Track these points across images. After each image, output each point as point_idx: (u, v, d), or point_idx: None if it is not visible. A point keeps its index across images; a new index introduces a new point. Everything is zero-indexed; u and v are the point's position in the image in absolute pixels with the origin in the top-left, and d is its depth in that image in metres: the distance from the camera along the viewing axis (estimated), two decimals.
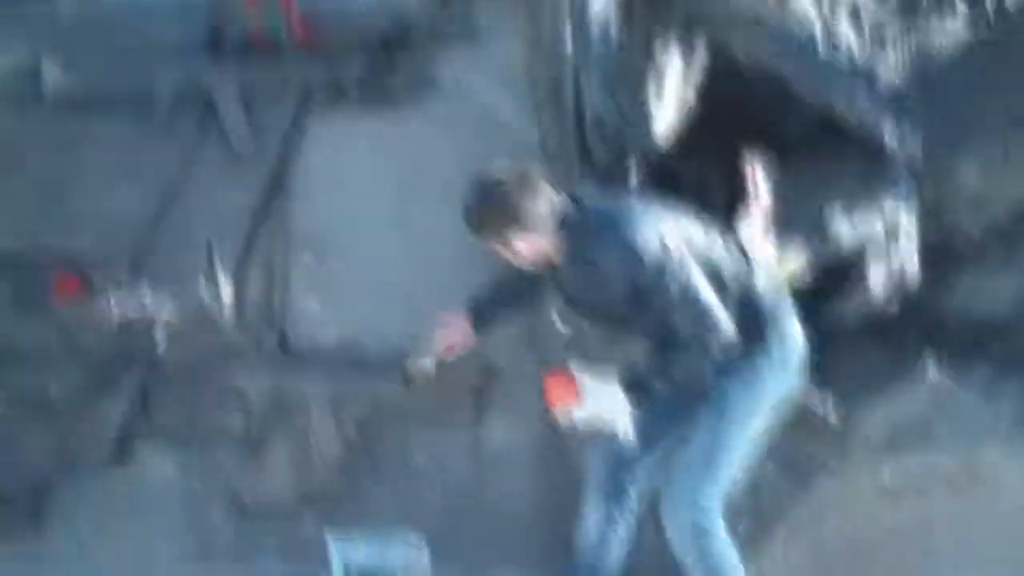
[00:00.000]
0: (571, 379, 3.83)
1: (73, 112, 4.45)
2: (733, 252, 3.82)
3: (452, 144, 4.52)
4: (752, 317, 3.63)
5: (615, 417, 3.73)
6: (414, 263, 4.53)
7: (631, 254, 3.50)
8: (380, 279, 4.56)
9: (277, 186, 4.54)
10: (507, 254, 3.65)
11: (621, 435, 3.75)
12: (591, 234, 3.55)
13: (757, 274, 3.76)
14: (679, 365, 3.62)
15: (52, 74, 4.46)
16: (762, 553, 4.23)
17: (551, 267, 3.67)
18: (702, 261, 3.59)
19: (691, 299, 3.53)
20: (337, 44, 4.59)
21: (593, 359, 4.21)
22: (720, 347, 3.54)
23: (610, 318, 3.87)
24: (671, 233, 3.60)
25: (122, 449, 4.49)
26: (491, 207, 3.49)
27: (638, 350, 4.01)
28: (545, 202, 3.50)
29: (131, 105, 4.48)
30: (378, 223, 4.54)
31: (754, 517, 4.10)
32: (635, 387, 3.65)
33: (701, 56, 4.46)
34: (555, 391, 3.86)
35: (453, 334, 3.86)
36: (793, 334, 3.67)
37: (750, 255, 3.89)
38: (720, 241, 3.82)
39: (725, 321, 3.51)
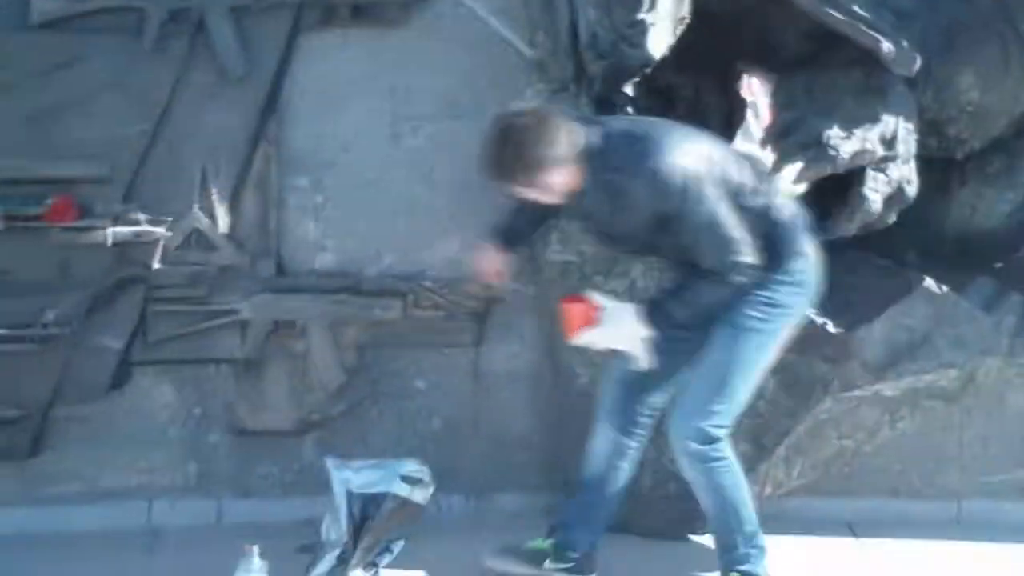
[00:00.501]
0: (589, 305, 3.82)
1: (60, 34, 4.20)
2: (751, 169, 3.77)
3: (447, 62, 4.44)
4: (771, 236, 3.62)
5: (633, 343, 3.69)
6: (410, 183, 4.41)
7: (656, 181, 3.48)
8: (376, 201, 4.43)
9: (271, 108, 4.34)
10: (531, 196, 3.61)
11: (639, 361, 3.70)
12: (616, 163, 3.51)
13: (775, 191, 3.70)
14: (702, 293, 3.60)
15: None
16: (762, 473, 4.18)
17: (574, 197, 3.62)
18: (721, 181, 3.56)
19: (714, 226, 3.52)
20: None
21: (591, 284, 4.19)
22: (743, 273, 3.53)
23: (634, 244, 3.82)
24: (692, 157, 3.57)
25: (120, 374, 4.33)
26: (511, 157, 3.46)
27: (640, 275, 4.08)
28: (566, 139, 3.47)
29: (120, 25, 4.23)
30: (374, 145, 4.37)
31: (754, 435, 4.03)
32: (654, 314, 3.63)
33: None
34: (573, 317, 3.85)
35: (491, 262, 3.87)
36: (809, 252, 3.67)
37: (767, 172, 3.85)
38: (738, 159, 3.79)
39: (748, 246, 3.51)
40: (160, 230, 4.30)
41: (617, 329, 3.70)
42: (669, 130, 3.58)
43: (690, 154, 3.54)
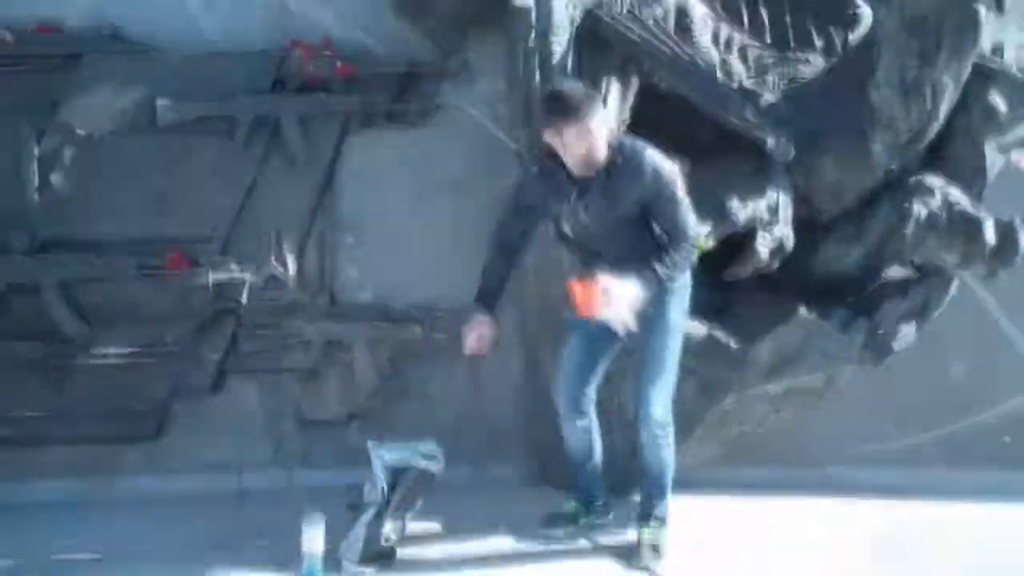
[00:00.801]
0: (594, 285, 4.27)
1: (177, 134, 5.25)
2: None
3: (454, 152, 5.42)
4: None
5: (628, 312, 4.18)
6: (427, 239, 5.38)
7: (657, 166, 4.23)
8: (403, 253, 5.40)
9: (327, 185, 5.39)
10: (577, 141, 4.18)
11: (623, 327, 4.21)
12: (637, 150, 4.23)
13: None
14: (678, 261, 4.26)
15: (162, 105, 5.20)
16: (684, 449, 4.85)
17: (582, 175, 4.24)
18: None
19: (688, 209, 4.28)
20: (368, 79, 5.36)
21: None
22: (688, 259, 4.34)
23: (606, 234, 4.36)
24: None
25: (218, 380, 5.34)
26: (579, 93, 4.20)
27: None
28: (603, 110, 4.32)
29: (219, 129, 5.30)
30: (401, 212, 5.38)
31: (678, 422, 4.63)
32: (649, 281, 4.22)
33: (633, 85, 5.18)
34: (585, 297, 4.32)
35: (480, 338, 4.44)
36: None
37: None
38: None
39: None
40: (247, 275, 5.26)
41: (620, 301, 4.16)
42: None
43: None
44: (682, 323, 4.49)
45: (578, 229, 4.46)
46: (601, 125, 4.27)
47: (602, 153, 4.25)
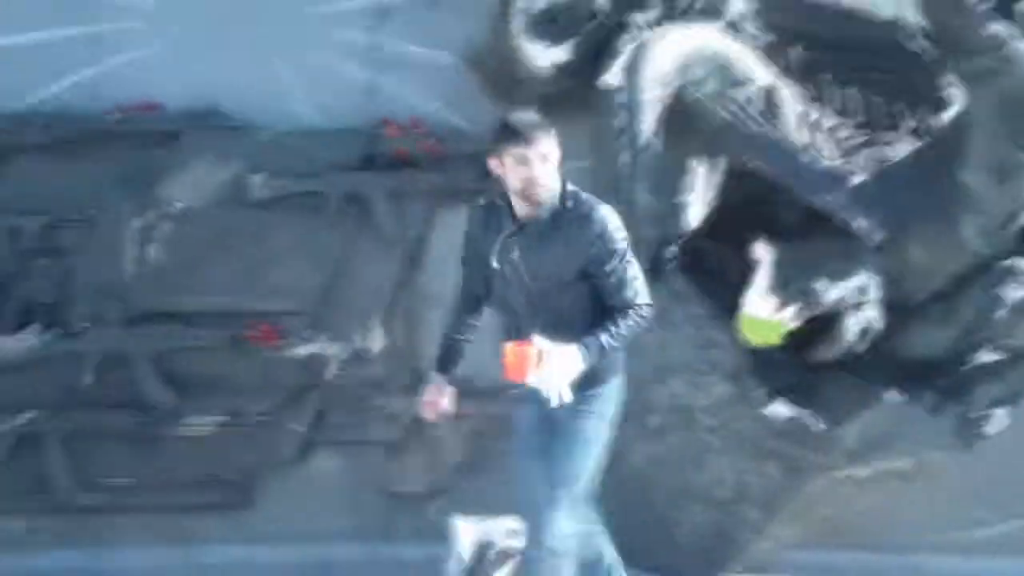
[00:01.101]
0: (532, 348, 3.96)
1: (269, 209, 5.56)
2: None
3: None
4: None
5: (563, 381, 3.84)
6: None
7: (606, 224, 3.91)
8: (486, 329, 5.83)
9: (414, 262, 5.66)
10: (520, 168, 3.87)
11: (556, 399, 3.81)
12: (582, 198, 3.93)
13: None
14: (623, 332, 3.88)
15: (255, 181, 5.54)
16: (768, 531, 5.17)
17: (526, 214, 3.92)
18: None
19: (637, 275, 3.93)
20: (457, 158, 5.64)
21: None
22: (647, 313, 3.93)
23: (539, 286, 3.97)
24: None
25: (304, 451, 5.59)
26: (529, 118, 3.93)
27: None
28: None
29: (309, 204, 5.59)
30: None
31: (765, 502, 5.03)
32: (590, 351, 3.86)
33: (721, 165, 5.38)
34: (519, 361, 4.02)
35: (432, 399, 4.24)
36: None
37: None
38: None
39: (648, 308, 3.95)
40: (334, 349, 5.53)
41: (555, 369, 3.83)
42: None
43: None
44: (608, 428, 4.08)
45: (513, 280, 4.10)
46: (551, 159, 3.99)
47: (547, 190, 3.95)
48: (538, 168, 3.94)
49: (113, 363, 5.56)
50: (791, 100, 5.37)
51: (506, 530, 4.81)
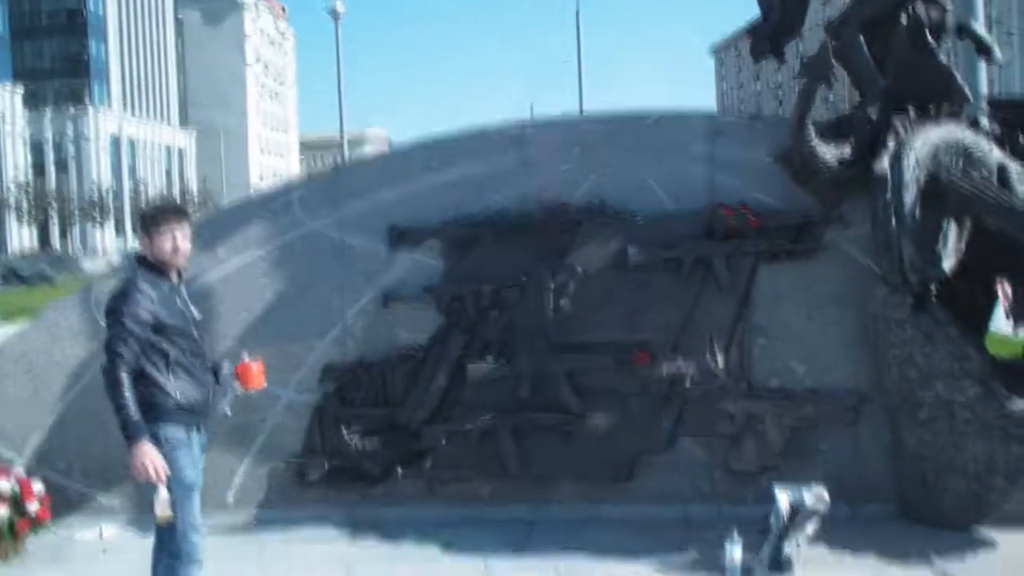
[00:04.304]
0: (253, 365, 5.75)
1: (643, 271, 7.50)
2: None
3: (835, 277, 7.47)
4: None
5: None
6: (817, 342, 7.42)
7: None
8: (799, 351, 7.43)
9: (744, 303, 7.49)
10: (185, 241, 5.65)
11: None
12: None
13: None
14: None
15: (632, 251, 7.46)
16: (1010, 496, 6.80)
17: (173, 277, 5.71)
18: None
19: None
20: (773, 228, 7.40)
21: None
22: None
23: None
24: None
25: (670, 441, 7.55)
26: (176, 203, 6.15)
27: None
28: None
29: (671, 266, 7.49)
30: (799, 320, 7.49)
31: (1006, 475, 6.70)
32: None
33: (967, 227, 6.96)
34: (254, 374, 5.74)
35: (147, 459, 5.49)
36: None
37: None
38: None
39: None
40: (690, 368, 7.46)
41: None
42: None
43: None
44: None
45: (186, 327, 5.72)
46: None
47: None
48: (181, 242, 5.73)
49: (541, 380, 7.64)
50: (1019, 173, 7.02)
51: (814, 495, 6.51)
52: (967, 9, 9.71)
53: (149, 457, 5.32)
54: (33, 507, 7.36)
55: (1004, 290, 7.05)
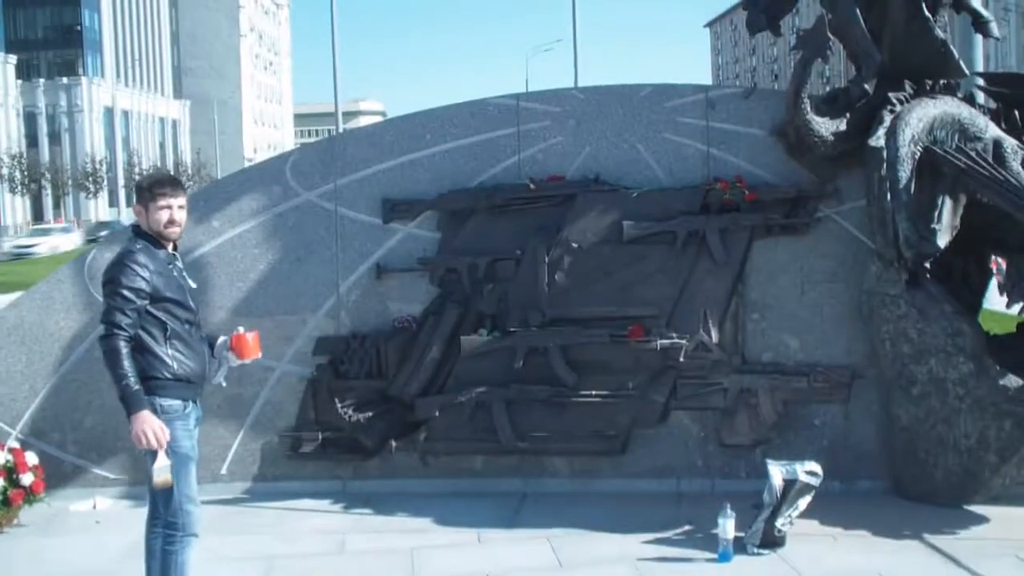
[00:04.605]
0: (248, 336, 5.75)
1: (637, 244, 7.50)
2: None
3: (829, 252, 7.49)
4: None
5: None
6: (810, 316, 7.46)
7: None
8: (793, 325, 7.47)
9: (738, 278, 7.52)
10: (180, 212, 5.57)
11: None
12: None
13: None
14: None
15: (627, 225, 7.44)
16: (1005, 472, 6.86)
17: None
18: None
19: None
20: (768, 202, 7.41)
21: None
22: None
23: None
24: None
25: (663, 414, 7.58)
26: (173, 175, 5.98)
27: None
28: None
29: (664, 239, 7.50)
30: (792, 295, 7.50)
31: (998, 451, 6.76)
32: None
33: (962, 200, 6.98)
34: (241, 347, 5.75)
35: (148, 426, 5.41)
36: None
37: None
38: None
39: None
40: (683, 342, 7.47)
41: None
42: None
43: None
44: None
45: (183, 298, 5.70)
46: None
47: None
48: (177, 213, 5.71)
49: (535, 353, 7.66)
50: (1013, 149, 7.05)
51: (806, 471, 6.56)
52: None
53: (149, 425, 5.30)
54: (27, 479, 7.37)
55: (998, 266, 7.07)
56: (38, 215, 79.08)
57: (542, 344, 7.68)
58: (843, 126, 7.22)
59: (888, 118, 7.06)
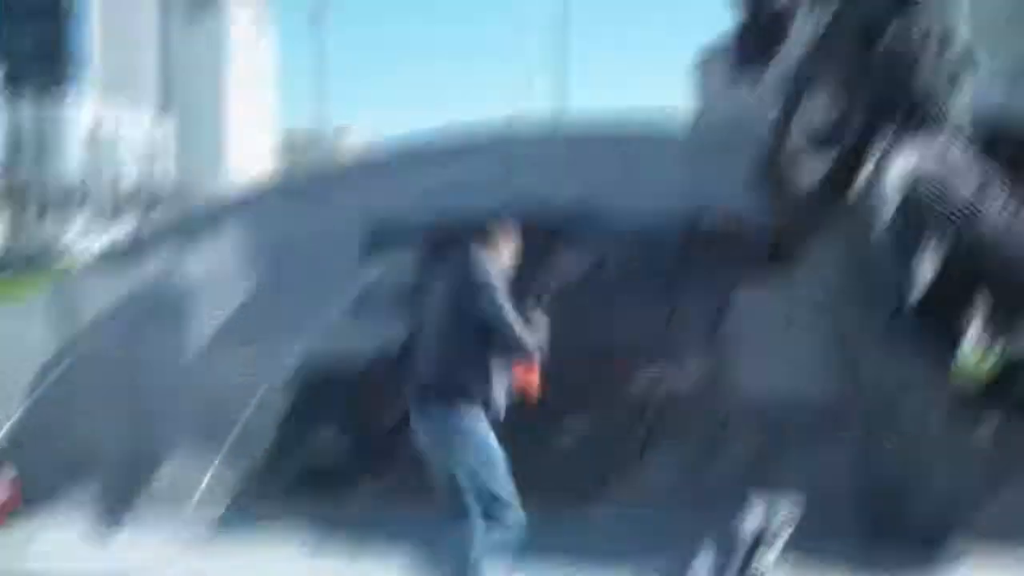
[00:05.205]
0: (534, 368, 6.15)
1: (621, 277, 7.65)
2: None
3: (810, 292, 7.50)
4: None
5: None
6: (798, 355, 7.49)
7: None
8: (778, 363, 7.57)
9: (723, 312, 7.55)
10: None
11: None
12: None
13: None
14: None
15: (613, 256, 7.60)
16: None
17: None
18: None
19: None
20: (750, 236, 7.45)
21: None
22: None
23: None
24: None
25: (643, 448, 7.58)
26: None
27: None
28: None
29: (649, 273, 7.59)
30: (773, 332, 7.57)
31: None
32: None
33: (944, 246, 6.93)
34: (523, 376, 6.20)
35: None
36: None
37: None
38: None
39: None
40: (664, 374, 7.66)
41: None
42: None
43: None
44: None
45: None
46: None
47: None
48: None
49: None
50: (995, 193, 7.06)
51: (786, 505, 6.59)
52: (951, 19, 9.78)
53: None
54: (1, 497, 7.32)
55: (978, 311, 7.11)
56: (17, 233, 78.89)
57: None
58: (827, 167, 7.23)
59: (872, 161, 7.07)
